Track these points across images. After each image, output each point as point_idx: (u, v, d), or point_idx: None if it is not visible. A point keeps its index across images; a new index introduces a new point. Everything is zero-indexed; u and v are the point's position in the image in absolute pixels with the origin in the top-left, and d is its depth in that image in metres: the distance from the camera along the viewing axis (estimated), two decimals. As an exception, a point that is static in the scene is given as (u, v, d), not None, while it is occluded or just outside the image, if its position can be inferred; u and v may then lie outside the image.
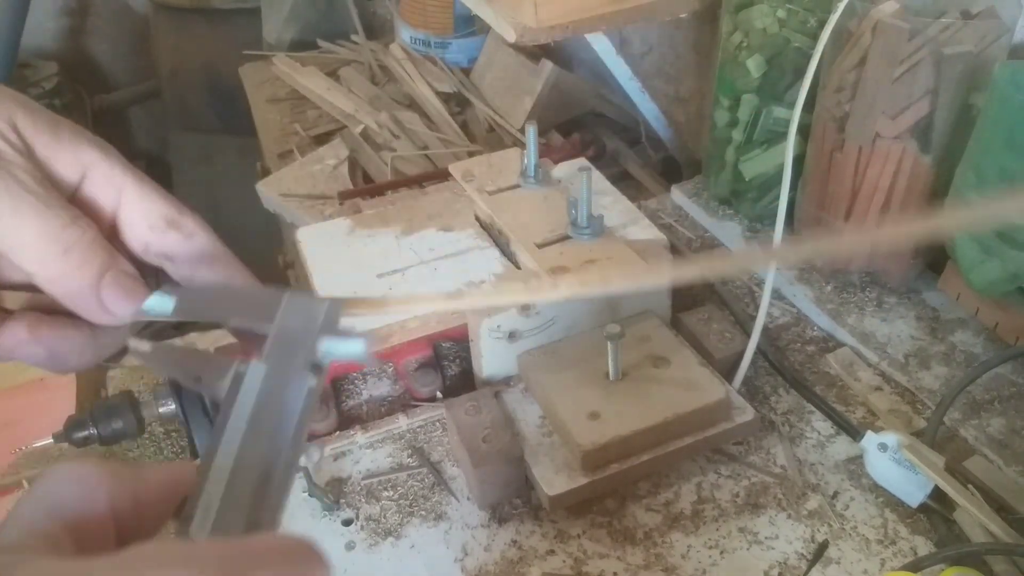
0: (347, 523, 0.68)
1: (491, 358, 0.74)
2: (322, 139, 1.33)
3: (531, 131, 0.83)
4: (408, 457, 0.74)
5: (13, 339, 0.36)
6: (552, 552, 0.65)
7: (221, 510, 0.31)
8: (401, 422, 0.76)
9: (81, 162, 0.37)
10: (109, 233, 0.38)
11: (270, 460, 0.32)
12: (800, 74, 0.81)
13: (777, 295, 0.89)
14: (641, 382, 0.71)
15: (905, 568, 0.61)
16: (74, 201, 0.37)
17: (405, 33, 1.52)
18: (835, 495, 0.69)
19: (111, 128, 2.41)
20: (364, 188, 1.16)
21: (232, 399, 0.33)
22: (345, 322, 0.34)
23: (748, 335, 0.77)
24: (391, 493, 0.71)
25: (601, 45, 1.12)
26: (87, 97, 2.39)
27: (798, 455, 0.72)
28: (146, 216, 0.38)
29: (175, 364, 0.34)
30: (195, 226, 0.38)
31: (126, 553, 0.26)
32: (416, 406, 0.78)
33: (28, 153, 0.36)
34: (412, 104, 1.42)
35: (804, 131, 0.85)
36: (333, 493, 0.69)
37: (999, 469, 0.69)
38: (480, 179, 0.87)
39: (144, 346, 0.35)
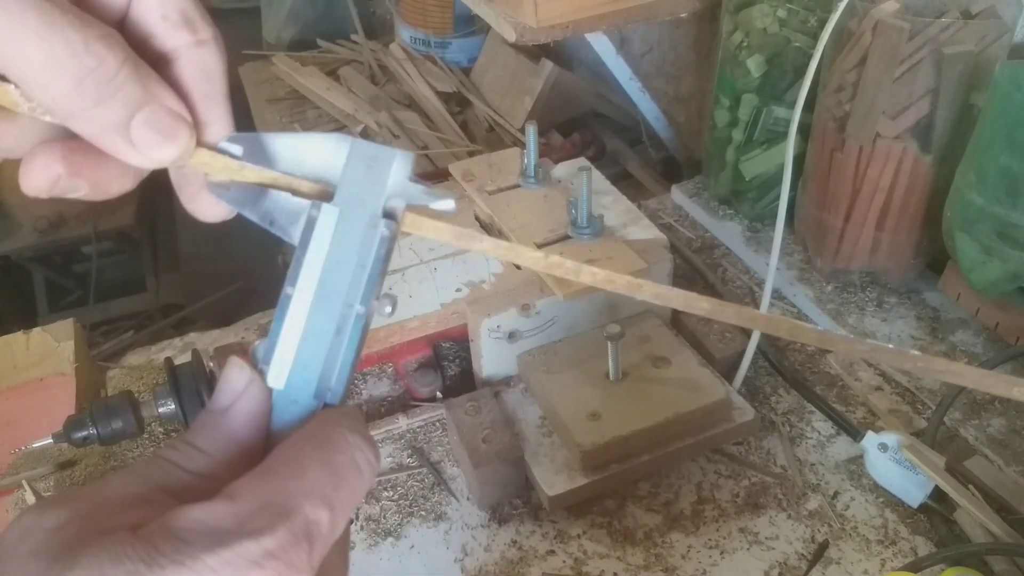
0: (347, 523, 0.68)
1: (491, 358, 0.74)
2: (322, 139, 1.33)
3: (531, 131, 0.83)
4: (408, 457, 0.74)
5: (49, 175, 0.31)
6: (552, 552, 0.65)
7: (296, 364, 0.31)
8: (401, 422, 0.76)
9: None
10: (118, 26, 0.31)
11: (345, 308, 0.32)
12: (800, 74, 0.81)
13: (777, 295, 0.89)
14: (641, 382, 0.71)
15: (905, 568, 0.61)
16: None
17: (405, 33, 1.52)
18: (835, 495, 0.69)
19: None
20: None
21: (306, 244, 0.32)
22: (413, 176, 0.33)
23: (748, 335, 0.77)
24: (391, 493, 0.71)
25: (601, 45, 1.12)
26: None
27: (798, 455, 0.72)
28: (162, 3, 0.32)
29: (250, 205, 0.32)
30: (210, 36, 0.32)
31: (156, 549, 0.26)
32: (416, 406, 0.77)
33: None
34: (412, 104, 1.41)
35: (804, 131, 0.85)
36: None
37: (999, 469, 0.68)
38: (480, 179, 0.87)
39: (223, 179, 0.32)
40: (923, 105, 0.75)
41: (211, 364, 0.69)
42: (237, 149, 0.32)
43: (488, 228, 0.84)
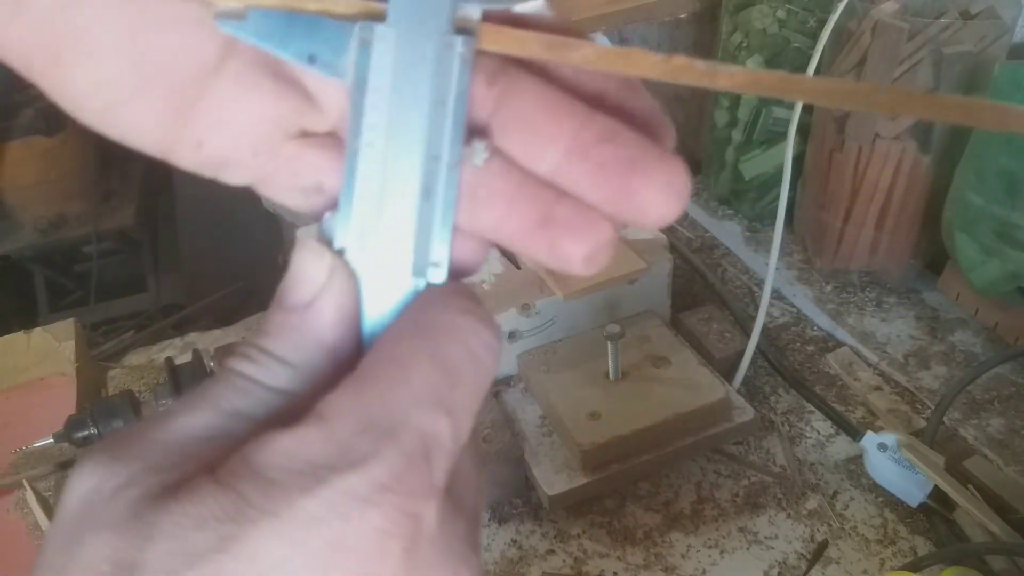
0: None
1: (491, 358, 0.74)
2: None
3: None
4: (408, 457, 0.74)
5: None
6: (552, 552, 0.66)
7: (382, 238, 0.25)
8: (401, 422, 0.76)
9: None
10: None
11: (429, 161, 0.24)
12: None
13: (777, 295, 0.89)
14: (641, 382, 0.71)
15: (905, 568, 0.61)
16: None
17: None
18: (835, 495, 0.69)
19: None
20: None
21: (363, 81, 0.24)
22: None
23: (748, 335, 0.77)
24: (391, 493, 0.71)
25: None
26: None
27: (798, 455, 0.72)
28: None
29: (278, 38, 0.24)
30: None
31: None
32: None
33: None
34: (412, 104, 1.41)
35: (804, 131, 0.85)
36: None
37: (999, 469, 0.69)
38: (480, 179, 0.87)
39: (233, 5, 0.24)
40: (922, 105, 0.75)
41: (211, 364, 0.70)
42: None
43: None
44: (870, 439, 0.68)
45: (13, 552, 0.68)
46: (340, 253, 0.25)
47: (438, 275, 0.25)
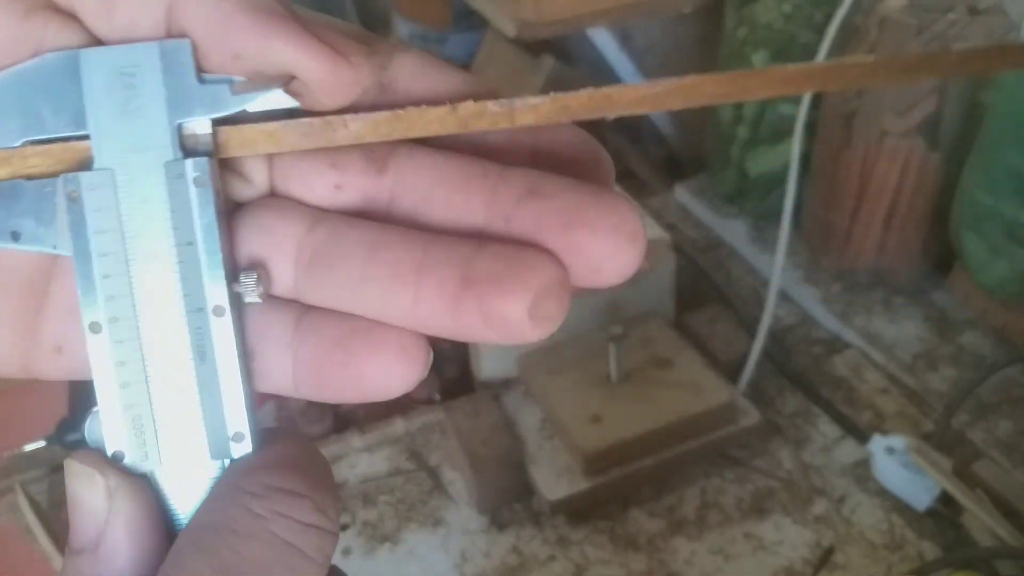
0: (343, 528, 0.67)
1: (490, 359, 0.73)
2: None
3: (532, 128, 0.82)
4: (406, 461, 0.73)
5: None
6: (553, 558, 0.65)
7: (161, 425, 0.21)
8: (399, 425, 0.75)
9: None
10: None
11: (193, 316, 0.21)
12: (806, 70, 0.80)
13: (783, 296, 0.88)
14: (644, 384, 0.70)
15: (912, 573, 0.60)
16: None
17: (403, 27, 1.50)
18: (841, 499, 0.68)
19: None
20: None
21: (84, 246, 0.20)
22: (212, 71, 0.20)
23: (753, 336, 0.76)
24: (388, 497, 0.70)
25: (603, 40, 1.11)
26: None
27: (804, 459, 0.71)
28: None
29: None
30: None
31: None
32: (414, 408, 0.76)
33: None
34: (411, 100, 1.40)
35: (811, 127, 0.84)
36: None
37: (1007, 472, 0.68)
38: (480, 177, 0.86)
39: None
40: (930, 102, 0.74)
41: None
42: None
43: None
44: (877, 442, 0.67)
45: (5, 556, 0.67)
46: (116, 460, 0.20)
47: (242, 448, 0.21)
